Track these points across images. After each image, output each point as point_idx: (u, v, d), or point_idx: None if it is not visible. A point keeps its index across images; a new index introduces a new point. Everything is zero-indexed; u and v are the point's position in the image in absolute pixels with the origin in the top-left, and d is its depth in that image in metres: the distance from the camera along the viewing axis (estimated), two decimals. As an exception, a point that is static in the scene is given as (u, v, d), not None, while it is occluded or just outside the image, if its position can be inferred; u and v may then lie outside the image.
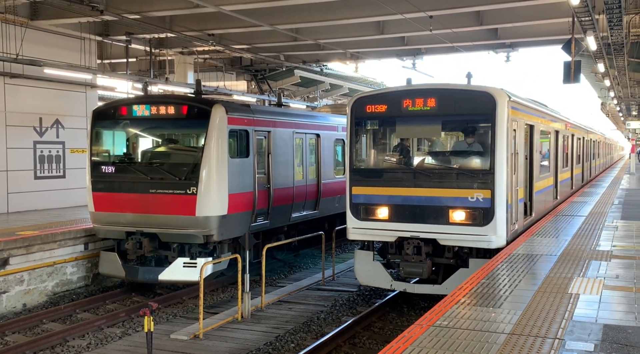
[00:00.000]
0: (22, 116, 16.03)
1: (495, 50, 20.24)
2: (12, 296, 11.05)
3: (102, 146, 12.46)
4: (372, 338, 9.20)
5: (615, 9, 11.23)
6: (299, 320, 9.96)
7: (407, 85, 10.70)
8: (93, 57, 18.15)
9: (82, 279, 12.53)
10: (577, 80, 13.78)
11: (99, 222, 11.83)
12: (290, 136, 13.75)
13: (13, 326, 9.86)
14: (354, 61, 23.78)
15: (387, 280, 10.42)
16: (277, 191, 13.01)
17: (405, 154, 10.84)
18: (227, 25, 17.18)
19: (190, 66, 22.38)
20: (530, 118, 11.60)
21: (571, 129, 18.21)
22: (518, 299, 6.28)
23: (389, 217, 10.10)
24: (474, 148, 10.08)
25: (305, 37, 18.78)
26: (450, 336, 5.07)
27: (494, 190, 9.47)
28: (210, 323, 9.58)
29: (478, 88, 10.00)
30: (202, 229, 11.08)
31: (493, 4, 15.05)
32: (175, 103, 11.65)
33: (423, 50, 21.17)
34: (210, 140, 11.09)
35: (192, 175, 11.08)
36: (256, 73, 25.76)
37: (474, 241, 9.61)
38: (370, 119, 10.64)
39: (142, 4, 15.15)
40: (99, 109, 12.54)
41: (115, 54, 20.92)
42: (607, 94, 30.41)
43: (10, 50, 14.74)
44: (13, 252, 11.02)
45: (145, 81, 17.68)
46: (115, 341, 9.27)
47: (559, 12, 15.60)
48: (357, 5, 15.62)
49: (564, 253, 8.79)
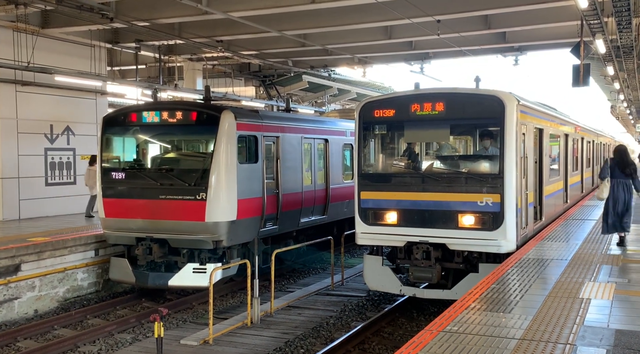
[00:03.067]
0: (33, 123, 16.19)
1: (504, 53, 20.19)
2: (24, 302, 11.13)
3: (112, 153, 12.56)
4: (382, 344, 9.17)
5: (624, 12, 11.18)
6: (308, 325, 9.95)
7: (415, 89, 10.70)
8: (103, 64, 18.30)
9: (92, 285, 12.60)
10: (586, 83, 13.70)
11: (109, 228, 11.90)
12: (299, 141, 13.78)
13: (25, 332, 9.93)
14: (362, 66, 23.82)
15: (396, 285, 10.39)
16: (285, 196, 13.03)
17: (413, 158, 10.83)
18: (235, 31, 17.27)
19: (199, 72, 22.51)
20: (540, 122, 11.56)
21: (581, 133, 18.11)
22: (529, 304, 6.24)
23: (397, 222, 10.09)
24: (487, 152, 10.06)
25: (313, 42, 18.84)
26: (460, 341, 5.05)
27: (504, 194, 9.44)
28: (220, 328, 9.60)
29: (487, 92, 9.99)
30: (212, 235, 11.11)
31: (501, 8, 15.01)
32: (185, 109, 11.72)
33: (431, 55, 21.16)
34: (219, 146, 11.14)
35: (202, 181, 11.13)
36: (264, 79, 25.85)
37: (484, 245, 9.57)
38: (378, 124, 10.64)
39: (151, 11, 15.28)
40: (109, 115, 12.64)
41: (124, 61, 21.09)
42: (616, 97, 30.21)
43: (22, 58, 14.90)
44: (25, 258, 11.10)
45: (155, 88, 17.79)
46: (125, 347, 9.31)
47: (568, 15, 15.53)
48: (365, 10, 15.65)
49: (574, 258, 8.73)
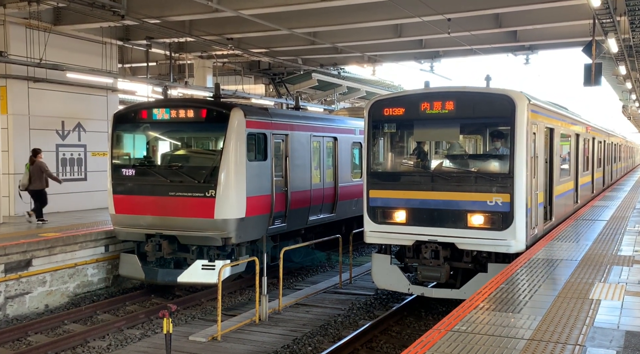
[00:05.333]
0: (45, 120, 16.32)
1: (515, 52, 20.09)
2: (35, 297, 11.24)
3: (123, 149, 12.63)
4: (390, 342, 9.17)
5: (637, 11, 11.10)
6: (316, 323, 9.97)
7: (425, 88, 10.66)
8: (114, 61, 18.41)
9: (102, 281, 12.69)
10: (597, 82, 13.62)
11: (120, 224, 11.98)
12: (308, 139, 13.79)
13: (35, 327, 10.02)
14: (372, 64, 23.79)
15: (404, 284, 10.37)
16: (294, 194, 13.04)
17: (423, 157, 10.80)
18: (245, 29, 17.31)
19: (209, 70, 22.58)
20: (550, 121, 11.49)
21: (592, 132, 17.98)
22: (538, 304, 6.22)
23: (406, 221, 10.07)
24: (497, 151, 10.01)
25: (323, 40, 18.83)
26: (468, 341, 5.04)
27: (513, 194, 9.39)
28: (228, 325, 9.65)
29: (497, 91, 9.94)
30: (221, 232, 11.16)
31: (512, 6, 14.93)
32: (195, 107, 11.77)
33: (441, 53, 21.09)
34: (228, 143, 11.18)
35: (211, 178, 11.17)
36: (274, 76, 25.89)
37: (493, 245, 9.54)
38: (387, 122, 10.61)
39: (162, 8, 15.35)
40: (120, 112, 12.71)
41: (135, 58, 21.22)
42: (628, 96, 29.97)
43: (34, 55, 15.03)
44: (36, 253, 11.21)
45: (165, 85, 17.89)
46: (134, 342, 9.38)
47: (579, 14, 15.42)
48: (375, 8, 15.62)
49: (584, 258, 8.68)
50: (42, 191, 13.82)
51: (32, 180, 13.61)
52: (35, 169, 13.64)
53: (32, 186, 13.68)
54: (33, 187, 13.70)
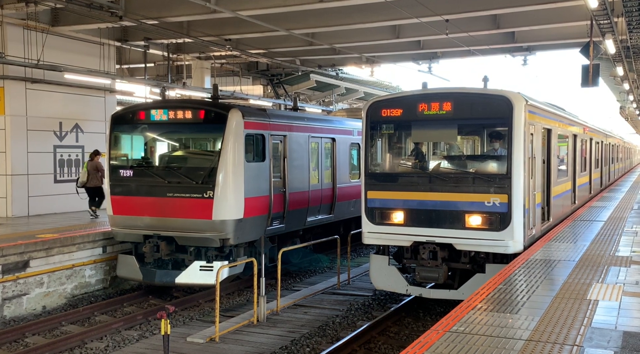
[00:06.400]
0: (42, 121, 16.29)
1: (512, 53, 20.13)
2: (32, 298, 11.22)
3: (121, 150, 12.62)
4: (388, 343, 9.18)
5: (635, 12, 11.12)
6: (315, 324, 9.97)
7: (422, 89, 10.67)
8: (112, 62, 18.39)
9: (100, 282, 12.67)
10: (595, 83, 13.63)
11: (117, 225, 11.97)
12: (306, 140, 13.80)
13: (33, 328, 10.00)
14: (370, 65, 23.81)
15: (402, 285, 10.38)
16: (292, 195, 13.04)
17: (420, 158, 10.81)
18: (243, 30, 17.31)
19: (207, 71, 22.58)
20: (548, 122, 11.50)
21: (589, 133, 18.01)
22: (536, 305, 6.22)
23: (404, 222, 10.08)
24: (495, 152, 10.02)
25: (321, 41, 18.84)
26: (466, 342, 5.05)
27: (511, 194, 9.41)
28: (226, 326, 9.64)
29: (495, 92, 9.95)
30: (219, 233, 11.15)
31: (510, 7, 14.95)
32: (193, 108, 11.76)
33: (439, 54, 21.12)
34: (227, 144, 11.17)
35: (209, 179, 11.17)
36: (272, 77, 25.90)
37: (491, 246, 9.55)
38: (385, 123, 10.62)
39: (160, 9, 15.34)
40: (118, 113, 12.70)
41: (133, 59, 21.20)
42: (626, 97, 30.01)
43: (31, 56, 15.01)
44: (33, 255, 11.19)
45: (163, 86, 17.89)
46: (132, 344, 9.37)
47: (577, 15, 15.45)
48: (373, 9, 15.64)
49: (582, 259, 8.69)
50: (99, 188, 14.80)
51: (90, 178, 14.72)
52: (92, 168, 14.74)
53: (89, 184, 14.80)
54: (90, 185, 14.82)
